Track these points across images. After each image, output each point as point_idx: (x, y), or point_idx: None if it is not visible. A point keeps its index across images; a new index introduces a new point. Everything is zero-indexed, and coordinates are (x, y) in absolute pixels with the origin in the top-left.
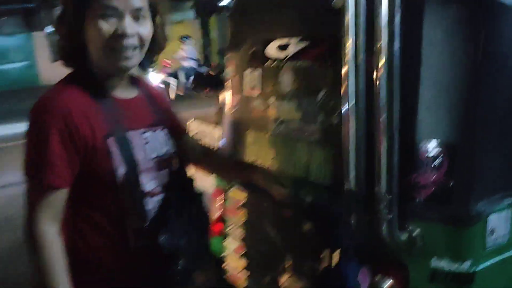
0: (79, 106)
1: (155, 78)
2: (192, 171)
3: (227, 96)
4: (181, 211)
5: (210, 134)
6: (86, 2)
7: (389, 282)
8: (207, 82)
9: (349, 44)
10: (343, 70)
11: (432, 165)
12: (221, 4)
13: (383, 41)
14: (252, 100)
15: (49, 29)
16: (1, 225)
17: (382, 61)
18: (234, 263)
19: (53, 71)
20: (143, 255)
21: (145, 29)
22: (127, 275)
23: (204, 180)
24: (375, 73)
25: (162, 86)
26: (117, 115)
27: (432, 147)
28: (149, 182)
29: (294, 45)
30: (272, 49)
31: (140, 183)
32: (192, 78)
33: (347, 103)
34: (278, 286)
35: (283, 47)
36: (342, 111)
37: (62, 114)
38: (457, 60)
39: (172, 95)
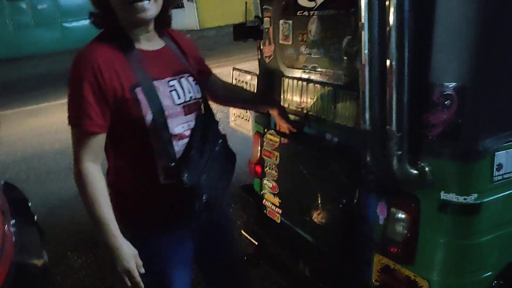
0: (108, 60)
1: None
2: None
3: (264, 46)
4: (202, 151)
5: (248, 82)
6: None
7: (402, 214)
8: (246, 32)
9: None
10: (360, 19)
11: (443, 105)
12: None
13: None
14: (286, 49)
15: None
16: None
17: (392, 7)
18: (271, 200)
19: None
20: (173, 190)
21: None
22: (160, 207)
23: (244, 125)
24: (387, 20)
25: None
26: (143, 66)
27: (443, 88)
28: (176, 126)
29: None
30: (302, 0)
31: (167, 127)
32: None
33: (363, 49)
34: (310, 221)
35: None
36: (359, 56)
37: (92, 68)
38: (468, 4)
39: None
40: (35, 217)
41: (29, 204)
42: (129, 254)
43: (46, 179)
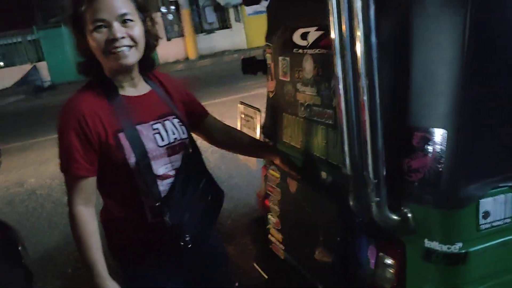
0: (92, 108)
1: None
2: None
3: (268, 81)
4: (184, 190)
5: (253, 117)
6: (82, 23)
7: (390, 259)
8: (256, 66)
9: (334, 30)
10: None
11: (423, 150)
12: None
13: (360, 33)
14: (285, 85)
15: (164, 9)
16: None
17: (360, 52)
18: (275, 236)
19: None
20: (160, 229)
21: (135, 30)
22: (149, 245)
23: (248, 159)
24: (357, 63)
25: None
26: (127, 112)
27: (423, 132)
28: (160, 167)
29: (313, 34)
30: (297, 38)
31: (151, 168)
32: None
33: (337, 91)
34: (309, 259)
35: (304, 36)
36: (336, 100)
37: (76, 116)
38: (445, 47)
39: None
40: (23, 258)
41: (19, 247)
42: None
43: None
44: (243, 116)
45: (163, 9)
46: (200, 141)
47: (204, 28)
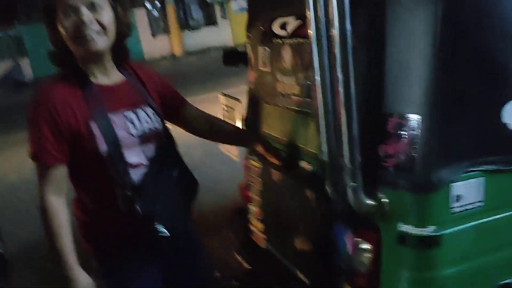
0: (63, 97)
1: None
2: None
3: (248, 72)
4: (156, 180)
5: (235, 109)
6: (52, 11)
7: (366, 244)
8: (238, 57)
9: (311, 20)
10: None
11: (398, 135)
12: None
13: (335, 21)
14: (265, 75)
15: (149, 5)
16: None
17: (335, 39)
18: (257, 226)
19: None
20: (132, 219)
21: (103, 16)
22: (122, 235)
23: (231, 150)
24: (332, 51)
25: None
26: (99, 100)
27: (397, 118)
28: (133, 156)
29: (292, 23)
30: (276, 27)
31: (123, 157)
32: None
33: (314, 79)
34: (290, 248)
35: (283, 26)
36: (312, 88)
37: (47, 105)
38: (418, 36)
39: None
40: None
41: None
42: (84, 285)
43: None
44: (224, 107)
45: (148, 5)
46: (182, 136)
47: (189, 24)
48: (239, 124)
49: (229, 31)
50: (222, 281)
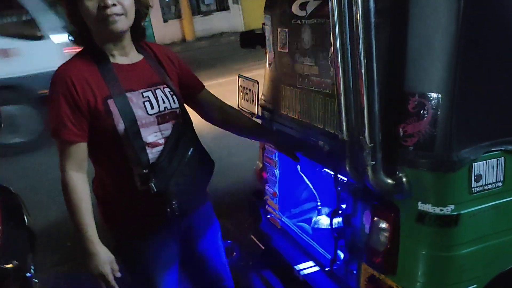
0: (81, 75)
1: None
2: None
3: (267, 53)
4: (171, 158)
5: (251, 90)
6: None
7: (384, 223)
8: (255, 39)
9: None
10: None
11: (419, 115)
12: None
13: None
14: (283, 57)
15: None
16: None
17: (358, 17)
18: (273, 206)
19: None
20: (149, 196)
21: None
22: (140, 213)
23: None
24: (354, 29)
25: None
26: (117, 79)
27: (418, 97)
28: (149, 135)
29: (311, 3)
30: (295, 8)
31: (140, 136)
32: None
33: (334, 56)
34: (307, 227)
35: (303, 6)
36: (333, 66)
37: (65, 83)
38: (442, 11)
39: None
40: (27, 220)
41: (23, 210)
42: (104, 259)
43: None
44: (241, 89)
45: None
46: (197, 120)
47: (201, 9)
48: (256, 105)
49: (240, 16)
50: (237, 261)
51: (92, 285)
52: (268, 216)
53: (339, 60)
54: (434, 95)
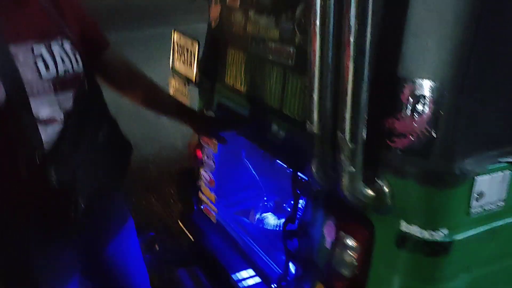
0: None
1: None
2: None
3: (211, 7)
4: (77, 141)
5: (189, 50)
6: None
7: (352, 241)
8: None
9: None
10: None
11: (414, 109)
12: None
13: None
14: (233, 12)
15: None
16: None
17: None
18: (208, 195)
19: None
20: (40, 191)
21: None
22: (23, 212)
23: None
24: None
25: None
26: None
27: (416, 86)
28: (43, 108)
29: None
30: None
31: (29, 109)
32: None
33: (313, 22)
34: (248, 226)
35: None
36: (311, 33)
37: None
38: None
39: None
40: None
41: None
42: None
43: None
44: (177, 47)
45: None
46: None
47: None
48: (194, 69)
49: None
50: (160, 256)
51: None
52: (202, 207)
53: (317, 20)
54: (438, 84)
